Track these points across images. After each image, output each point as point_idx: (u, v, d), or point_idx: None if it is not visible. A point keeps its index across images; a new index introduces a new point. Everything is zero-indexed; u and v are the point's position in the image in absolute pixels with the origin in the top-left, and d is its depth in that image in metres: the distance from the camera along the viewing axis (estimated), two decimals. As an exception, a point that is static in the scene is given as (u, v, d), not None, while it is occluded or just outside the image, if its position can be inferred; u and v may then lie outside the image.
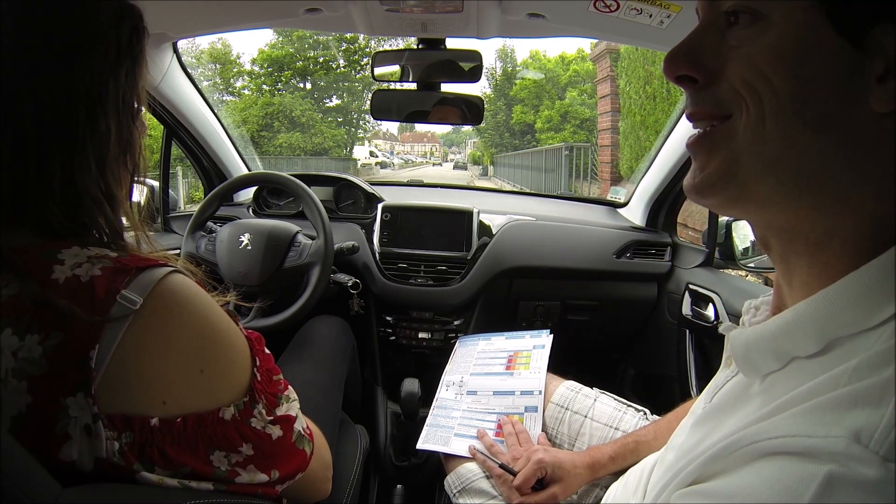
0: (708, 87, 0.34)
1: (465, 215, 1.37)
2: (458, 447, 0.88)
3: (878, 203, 0.30)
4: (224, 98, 16.97)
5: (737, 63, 0.32)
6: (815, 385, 0.28)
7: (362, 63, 17.39)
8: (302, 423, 0.51)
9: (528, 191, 7.94)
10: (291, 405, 0.49)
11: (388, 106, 1.13)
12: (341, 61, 17.89)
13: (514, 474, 0.75)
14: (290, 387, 0.51)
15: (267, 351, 0.49)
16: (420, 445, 0.93)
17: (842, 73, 0.29)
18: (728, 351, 0.41)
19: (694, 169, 0.36)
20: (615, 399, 0.89)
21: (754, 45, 0.32)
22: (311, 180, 1.43)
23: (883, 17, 0.29)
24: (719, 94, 0.33)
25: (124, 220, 0.47)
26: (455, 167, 26.38)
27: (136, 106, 0.47)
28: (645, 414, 0.85)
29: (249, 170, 1.61)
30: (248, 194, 1.57)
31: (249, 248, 1.12)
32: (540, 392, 0.93)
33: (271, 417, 0.46)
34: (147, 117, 0.51)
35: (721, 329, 0.43)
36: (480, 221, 1.38)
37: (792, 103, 0.30)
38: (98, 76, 0.43)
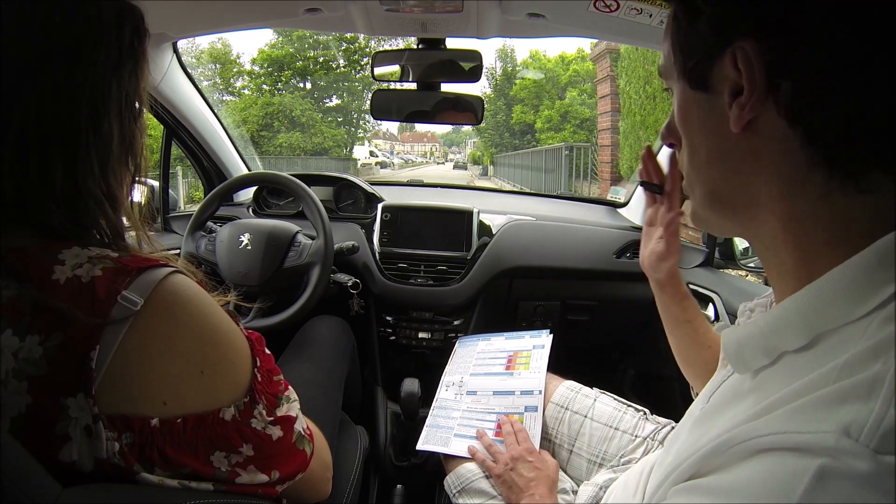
0: (680, 149, 0.41)
1: (465, 215, 1.37)
2: (458, 447, 0.88)
3: (790, 202, 0.33)
4: (224, 98, 17.00)
5: None
6: (806, 382, 0.29)
7: (362, 63, 17.41)
8: (302, 423, 0.50)
9: (528, 191, 7.94)
10: (292, 406, 0.49)
11: (388, 106, 1.13)
12: (341, 61, 17.91)
13: None
14: (290, 387, 0.51)
15: (267, 351, 0.49)
16: (420, 446, 0.93)
17: (704, 117, 0.36)
18: (723, 352, 0.41)
19: None
20: (615, 399, 0.89)
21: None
22: (311, 180, 1.43)
23: (713, 58, 0.34)
24: (679, 155, 0.42)
25: (125, 220, 0.47)
26: (455, 167, 26.39)
27: (137, 106, 0.47)
28: (645, 414, 0.85)
29: (249, 170, 1.61)
30: (248, 194, 1.57)
31: (249, 248, 1.12)
32: (540, 392, 0.93)
33: (271, 418, 0.46)
34: (147, 117, 0.51)
35: (715, 329, 0.44)
36: (480, 221, 1.38)
37: (692, 151, 0.38)
38: (101, 77, 0.43)
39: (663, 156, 1.38)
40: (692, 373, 0.73)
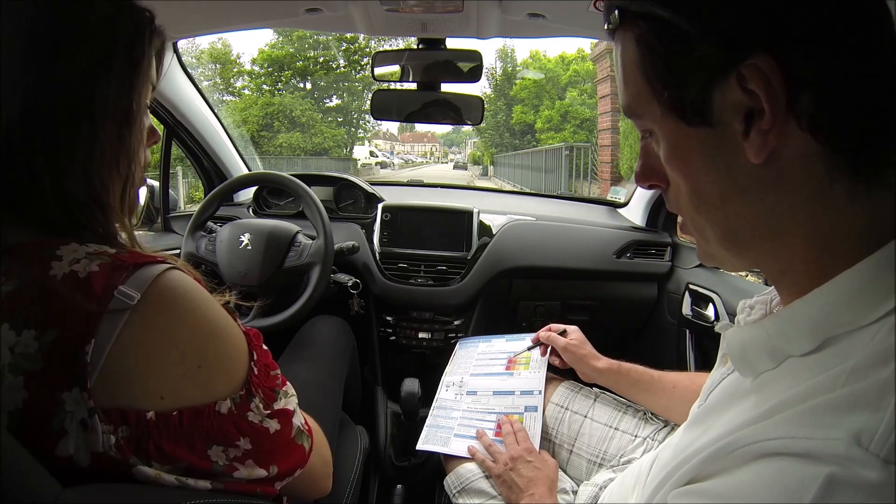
0: (668, 191, 0.38)
1: (465, 215, 1.37)
2: (458, 448, 0.88)
3: (814, 221, 0.31)
4: (224, 98, 17.02)
5: (665, 171, 0.36)
6: (813, 385, 0.28)
7: (362, 63, 17.41)
8: (300, 418, 0.50)
9: (528, 191, 7.94)
10: (290, 400, 0.49)
11: (388, 106, 1.13)
12: (341, 61, 17.92)
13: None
14: (287, 383, 0.51)
15: (265, 347, 0.49)
16: (420, 446, 0.93)
17: (712, 154, 0.32)
18: (724, 349, 0.41)
19: None
20: (615, 399, 0.89)
21: (660, 155, 0.36)
22: (311, 180, 1.43)
23: (712, 86, 0.30)
24: (671, 198, 0.38)
25: (118, 227, 0.46)
26: (455, 167, 26.41)
27: (133, 112, 0.45)
28: (645, 414, 0.85)
29: (249, 170, 1.61)
30: (248, 194, 1.57)
31: (249, 248, 1.12)
32: (540, 392, 0.93)
33: (268, 411, 0.46)
34: (151, 124, 0.50)
35: (717, 328, 0.44)
36: (480, 221, 1.38)
37: (698, 194, 0.34)
38: (82, 78, 0.42)
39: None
40: (680, 412, 0.72)
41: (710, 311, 1.16)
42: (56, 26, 0.41)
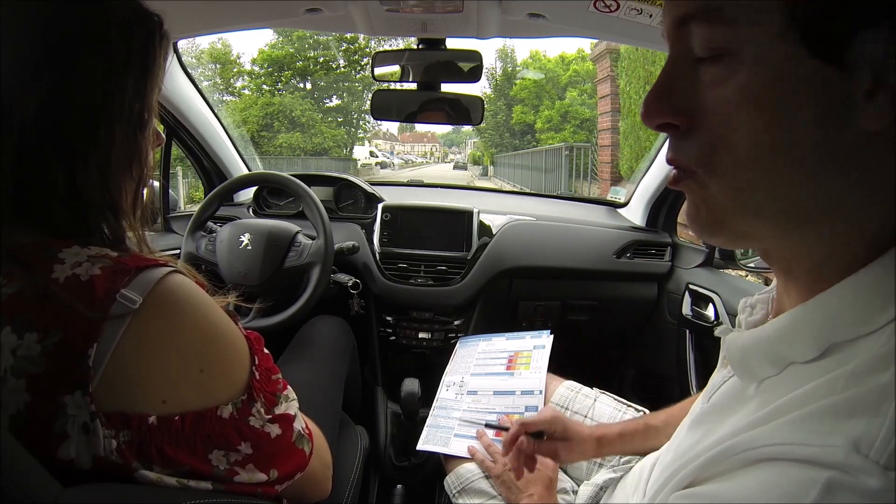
0: (687, 134, 0.31)
1: (465, 215, 1.37)
2: (458, 448, 0.88)
3: (884, 220, 0.28)
4: (224, 98, 17.01)
5: (710, 108, 0.30)
6: (812, 389, 0.28)
7: (362, 63, 17.41)
8: (301, 422, 0.51)
9: (528, 191, 7.94)
10: (290, 404, 0.49)
11: (388, 106, 1.13)
12: (341, 61, 17.92)
13: (507, 429, 0.72)
14: (288, 386, 0.51)
15: (266, 351, 0.49)
16: (420, 446, 0.93)
17: (825, 102, 0.27)
18: (724, 351, 0.41)
19: (687, 206, 0.34)
20: (615, 399, 0.89)
21: (727, 86, 0.29)
22: (311, 180, 1.43)
23: (862, 25, 0.26)
24: (695, 146, 0.31)
25: (127, 229, 0.47)
26: (455, 167, 26.42)
27: (145, 116, 0.46)
28: (645, 414, 0.85)
29: (249, 170, 1.61)
30: (248, 194, 1.57)
31: (249, 248, 1.12)
32: (540, 392, 0.93)
33: (270, 416, 0.46)
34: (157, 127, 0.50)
35: (717, 332, 0.43)
36: (480, 221, 1.38)
37: (771, 148, 0.28)
38: (100, 83, 0.42)
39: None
40: None
41: (710, 311, 1.16)
42: (74, 30, 0.41)
